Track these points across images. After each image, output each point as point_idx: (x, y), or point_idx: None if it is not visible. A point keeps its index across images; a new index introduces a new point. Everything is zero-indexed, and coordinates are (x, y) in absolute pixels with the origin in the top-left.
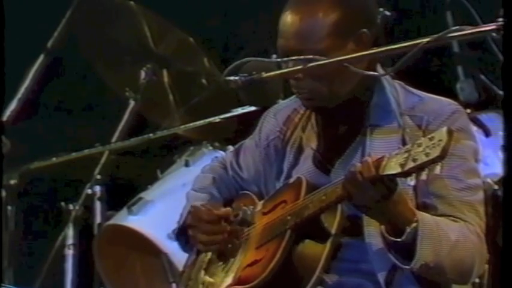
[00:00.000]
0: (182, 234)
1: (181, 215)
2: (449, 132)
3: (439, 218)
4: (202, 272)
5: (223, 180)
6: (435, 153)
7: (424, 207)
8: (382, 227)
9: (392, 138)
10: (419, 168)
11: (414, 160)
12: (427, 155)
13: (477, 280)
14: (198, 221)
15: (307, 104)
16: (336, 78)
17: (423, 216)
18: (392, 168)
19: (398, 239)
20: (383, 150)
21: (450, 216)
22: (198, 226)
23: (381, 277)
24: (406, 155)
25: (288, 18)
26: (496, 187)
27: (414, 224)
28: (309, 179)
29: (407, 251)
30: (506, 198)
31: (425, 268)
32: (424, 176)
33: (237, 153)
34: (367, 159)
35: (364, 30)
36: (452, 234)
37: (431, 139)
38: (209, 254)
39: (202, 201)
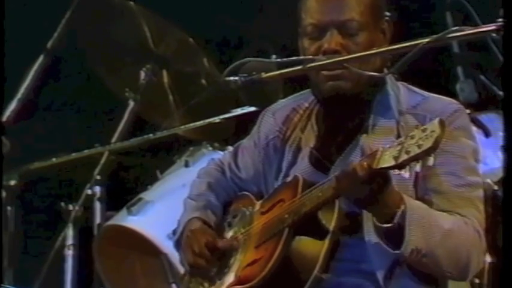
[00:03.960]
0: (180, 244)
1: (179, 223)
2: (442, 123)
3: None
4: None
5: (220, 183)
6: (428, 144)
7: (424, 203)
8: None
9: (390, 136)
10: (412, 160)
11: (407, 152)
12: (419, 146)
13: (477, 281)
14: (190, 248)
15: (332, 86)
16: (364, 58)
17: (411, 201)
18: (386, 161)
19: (389, 225)
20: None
21: (449, 211)
22: (189, 251)
23: (380, 274)
24: (399, 147)
25: None
26: (495, 187)
27: (402, 207)
28: (306, 177)
29: (399, 238)
30: (506, 199)
31: (417, 255)
32: (418, 167)
33: (235, 154)
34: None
35: (387, 18)
36: (445, 223)
37: (424, 131)
38: None
39: (199, 212)
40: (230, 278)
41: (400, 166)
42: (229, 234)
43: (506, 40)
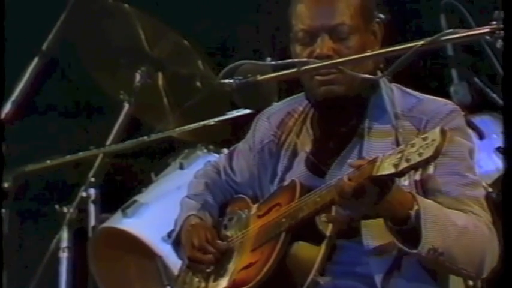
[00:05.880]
0: (178, 243)
1: (176, 222)
2: (443, 132)
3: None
4: (198, 276)
5: (216, 184)
6: (428, 153)
7: None
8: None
9: (388, 139)
10: (412, 168)
11: (408, 160)
12: (420, 155)
13: (471, 283)
14: (189, 241)
15: (325, 91)
16: (357, 62)
17: (424, 201)
18: (386, 168)
19: (404, 227)
20: (379, 151)
21: (458, 210)
22: (189, 245)
23: (378, 279)
24: (399, 155)
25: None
26: (490, 189)
27: (416, 207)
28: (302, 182)
29: (414, 238)
30: (505, 200)
31: (434, 253)
32: (417, 176)
33: (230, 157)
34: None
35: (378, 20)
36: (459, 221)
37: (424, 139)
38: None
39: (196, 211)
40: (225, 280)
41: (400, 174)
42: (225, 236)
43: (506, 41)
